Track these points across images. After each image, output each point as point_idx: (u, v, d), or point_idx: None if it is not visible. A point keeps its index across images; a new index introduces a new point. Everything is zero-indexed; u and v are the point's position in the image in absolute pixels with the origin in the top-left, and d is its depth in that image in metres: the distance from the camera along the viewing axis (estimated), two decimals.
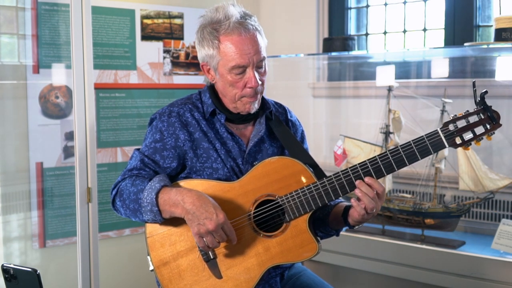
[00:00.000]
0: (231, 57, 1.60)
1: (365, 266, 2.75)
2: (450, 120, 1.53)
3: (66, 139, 2.75)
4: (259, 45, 1.62)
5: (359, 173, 1.55)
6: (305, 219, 1.58)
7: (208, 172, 1.67)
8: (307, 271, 1.86)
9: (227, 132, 1.71)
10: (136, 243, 2.98)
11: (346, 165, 3.01)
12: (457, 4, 2.95)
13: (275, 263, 1.58)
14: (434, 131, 1.53)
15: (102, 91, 2.87)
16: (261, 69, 1.65)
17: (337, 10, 3.45)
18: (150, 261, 1.65)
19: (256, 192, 1.61)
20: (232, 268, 1.59)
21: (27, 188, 2.66)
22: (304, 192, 1.58)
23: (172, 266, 1.62)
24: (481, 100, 1.52)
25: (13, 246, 2.66)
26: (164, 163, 1.68)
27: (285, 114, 1.85)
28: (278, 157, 1.63)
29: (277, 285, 1.73)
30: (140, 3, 2.96)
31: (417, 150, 1.52)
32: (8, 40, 2.66)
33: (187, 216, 1.52)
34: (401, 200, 2.82)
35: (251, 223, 1.60)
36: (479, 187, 2.62)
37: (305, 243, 1.57)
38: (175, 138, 1.67)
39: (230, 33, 1.60)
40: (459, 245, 2.61)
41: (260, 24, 1.68)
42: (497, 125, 1.51)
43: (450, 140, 1.52)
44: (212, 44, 1.62)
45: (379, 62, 3.18)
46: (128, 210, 1.64)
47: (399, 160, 1.53)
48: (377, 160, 1.54)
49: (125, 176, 1.68)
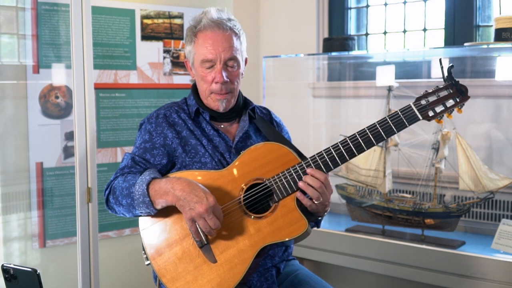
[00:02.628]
0: (201, 51, 1.72)
1: (365, 266, 2.75)
2: (421, 96, 1.64)
3: (66, 139, 2.75)
4: (231, 44, 1.73)
5: (340, 150, 1.63)
6: (293, 198, 1.64)
7: (197, 166, 1.73)
8: (304, 269, 1.88)
9: (213, 129, 1.79)
10: (136, 243, 2.96)
11: (346, 165, 3.02)
12: (457, 4, 2.95)
13: (267, 242, 1.62)
14: (407, 106, 1.63)
15: (102, 91, 2.87)
16: (232, 68, 1.75)
17: (337, 10, 3.45)
18: (145, 256, 1.68)
19: (245, 177, 1.67)
20: (226, 251, 1.62)
21: (27, 188, 2.66)
22: (290, 172, 1.65)
23: (167, 255, 1.65)
24: (449, 75, 1.63)
25: (13, 246, 2.66)
26: (155, 161, 1.74)
27: (269, 115, 1.95)
28: (263, 142, 1.72)
29: (272, 278, 1.74)
30: (140, 3, 2.96)
31: (392, 123, 1.62)
32: (8, 40, 2.66)
33: (178, 202, 1.56)
34: (401, 200, 2.82)
35: (242, 207, 1.65)
36: (479, 187, 2.62)
37: (295, 221, 1.62)
38: (164, 137, 1.76)
39: (204, 30, 1.73)
40: (459, 245, 2.61)
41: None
42: (466, 97, 1.62)
43: (422, 112, 1.62)
44: (190, 40, 1.77)
45: (379, 62, 3.18)
46: (121, 206, 1.68)
47: (377, 134, 1.62)
48: (357, 136, 1.63)
49: (117, 175, 1.74)
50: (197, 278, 1.61)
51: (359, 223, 2.97)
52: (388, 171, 2.88)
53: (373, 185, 2.92)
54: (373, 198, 2.95)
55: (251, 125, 1.84)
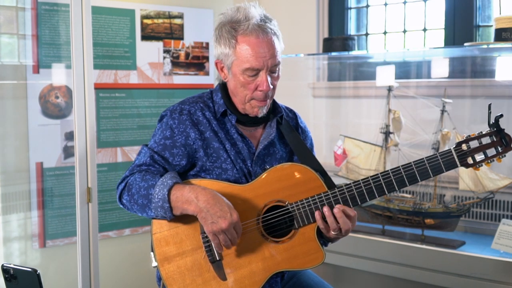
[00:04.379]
0: (246, 58, 1.59)
1: (365, 266, 2.74)
2: (463, 140, 1.56)
3: (66, 139, 2.75)
4: (275, 50, 1.62)
5: (370, 185, 1.57)
6: (313, 227, 1.59)
7: (217, 172, 1.66)
8: (307, 271, 1.86)
9: (237, 133, 1.70)
10: (136, 243, 2.98)
11: (345, 165, 3.01)
12: (457, 4, 2.95)
13: (280, 269, 1.59)
14: (448, 150, 1.56)
15: (102, 91, 2.87)
16: (274, 74, 1.65)
17: (337, 10, 3.45)
18: (153, 257, 1.64)
19: (267, 196, 1.61)
20: (237, 270, 1.59)
21: (27, 188, 2.66)
22: (314, 201, 1.59)
23: (177, 264, 1.61)
24: (495, 122, 1.55)
25: (13, 246, 2.66)
26: (174, 161, 1.66)
27: (295, 120, 1.86)
28: (291, 163, 1.64)
29: (277, 285, 1.73)
30: (140, 3, 2.96)
31: (429, 167, 1.55)
32: (8, 40, 2.66)
33: (200, 214, 1.51)
34: (401, 200, 2.82)
35: (259, 228, 1.60)
36: (479, 187, 2.62)
37: (312, 252, 1.58)
38: (186, 136, 1.66)
39: (248, 35, 1.59)
40: (459, 245, 2.61)
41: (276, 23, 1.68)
42: (509, 148, 1.54)
43: (462, 160, 1.55)
44: (229, 43, 1.61)
45: (379, 62, 3.18)
46: (136, 205, 1.62)
47: (411, 176, 1.56)
48: (390, 175, 1.56)
49: (134, 171, 1.66)
50: None
51: (359, 223, 2.97)
52: None
53: None
54: None
55: (276, 132, 1.75)
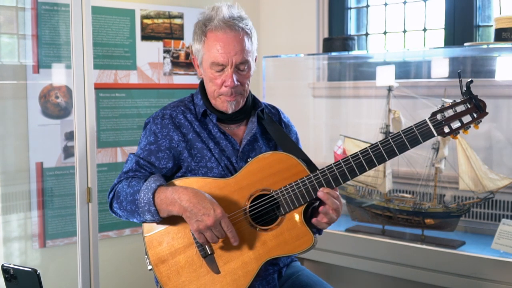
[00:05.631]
0: (212, 53, 1.64)
1: (365, 266, 2.75)
2: (437, 110, 1.56)
3: (66, 139, 2.75)
4: (243, 47, 1.64)
5: (351, 164, 1.58)
6: (300, 211, 1.61)
7: (203, 171, 1.69)
8: (305, 270, 1.87)
9: (219, 132, 1.73)
10: (136, 243, 2.98)
11: None
12: (457, 4, 2.95)
13: (272, 256, 1.60)
14: (423, 121, 1.56)
15: (102, 91, 2.87)
16: (242, 72, 1.67)
17: (337, 10, 3.45)
18: (147, 260, 1.67)
19: (251, 187, 1.63)
20: (230, 263, 1.60)
21: (27, 188, 2.66)
22: (298, 185, 1.60)
23: (170, 263, 1.63)
24: (467, 89, 1.56)
25: (13, 246, 2.66)
26: (160, 164, 1.70)
27: (278, 115, 1.88)
28: (271, 152, 1.66)
29: (274, 282, 1.73)
30: (140, 3, 2.96)
31: (406, 140, 1.56)
32: (8, 40, 2.66)
33: (185, 213, 1.54)
34: (401, 200, 2.82)
35: (247, 218, 1.62)
36: (479, 187, 2.62)
37: (301, 235, 1.59)
38: (169, 140, 1.70)
39: (215, 30, 1.64)
40: (459, 245, 2.61)
41: (255, 26, 1.70)
42: (484, 113, 1.55)
43: (438, 129, 1.55)
44: (200, 39, 1.68)
45: (379, 62, 3.18)
46: (125, 211, 1.65)
47: (389, 150, 1.57)
48: (369, 151, 1.57)
49: (121, 179, 1.70)
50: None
51: (359, 223, 2.97)
52: (388, 171, 2.88)
53: (373, 185, 2.92)
54: (373, 198, 2.95)
55: (259, 127, 1.78)
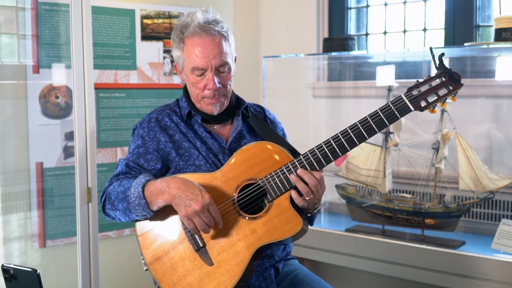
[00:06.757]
0: (191, 59, 1.69)
1: (365, 266, 2.75)
2: (413, 86, 1.58)
3: (66, 139, 2.75)
4: (221, 50, 1.69)
5: (332, 146, 1.61)
6: (286, 197, 1.62)
7: (191, 169, 1.72)
8: (303, 269, 1.88)
9: (205, 131, 1.78)
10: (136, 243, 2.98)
11: (346, 165, 3.01)
12: (457, 4, 2.95)
13: (262, 243, 1.61)
14: (398, 97, 1.58)
15: (102, 91, 2.87)
16: (223, 74, 1.72)
17: (337, 10, 3.45)
18: (143, 261, 1.69)
19: (238, 178, 1.66)
20: (222, 253, 1.62)
21: (27, 188, 2.66)
22: (282, 171, 1.62)
23: (165, 260, 1.65)
24: (441, 63, 1.56)
25: (13, 246, 2.66)
26: (149, 166, 1.74)
27: (263, 113, 1.92)
28: (255, 142, 1.70)
29: (271, 278, 1.74)
30: (140, 3, 2.96)
31: (384, 116, 1.58)
32: (8, 40, 2.66)
33: (174, 200, 1.56)
34: (401, 200, 2.82)
35: (236, 208, 1.64)
36: (479, 187, 2.62)
37: (290, 220, 1.61)
38: (157, 142, 1.75)
39: (192, 36, 1.69)
40: (459, 245, 2.61)
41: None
42: (459, 85, 1.56)
43: (414, 103, 1.57)
44: (179, 46, 1.73)
45: (379, 62, 3.18)
46: (118, 211, 1.69)
47: (369, 128, 1.59)
48: (348, 131, 1.60)
49: (112, 181, 1.74)
50: (195, 281, 1.62)
51: (359, 223, 2.97)
52: (388, 171, 2.88)
53: (373, 185, 2.92)
54: (373, 198, 2.95)
55: (245, 124, 1.83)
